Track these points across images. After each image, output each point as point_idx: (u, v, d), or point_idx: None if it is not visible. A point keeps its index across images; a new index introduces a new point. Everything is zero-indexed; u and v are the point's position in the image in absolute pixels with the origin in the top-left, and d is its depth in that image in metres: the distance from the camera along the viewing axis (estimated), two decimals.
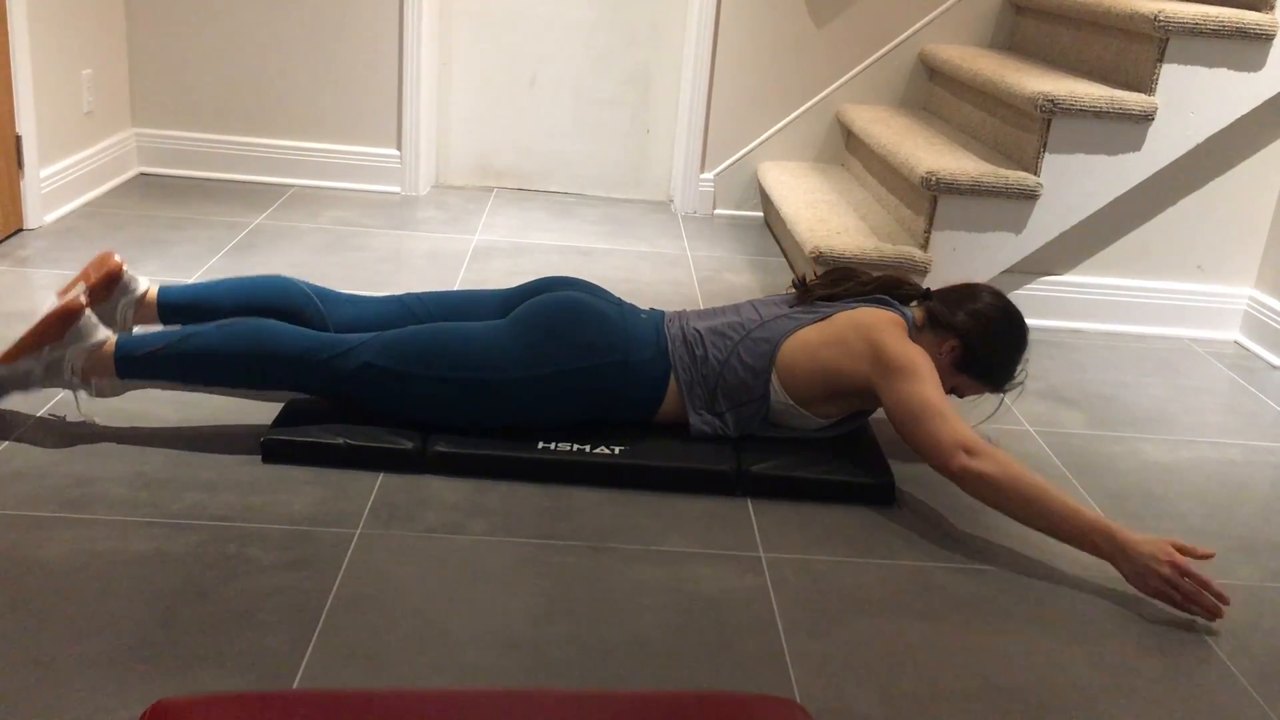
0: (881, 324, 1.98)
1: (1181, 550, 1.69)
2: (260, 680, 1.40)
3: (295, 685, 1.41)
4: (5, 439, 1.93)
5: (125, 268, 2.12)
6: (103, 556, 1.63)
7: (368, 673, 1.44)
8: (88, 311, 1.93)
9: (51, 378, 1.92)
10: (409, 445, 1.93)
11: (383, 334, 1.97)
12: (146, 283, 2.15)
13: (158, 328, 2.08)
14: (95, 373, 1.92)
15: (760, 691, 1.47)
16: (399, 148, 3.70)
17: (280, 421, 1.99)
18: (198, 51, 3.60)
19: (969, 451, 1.80)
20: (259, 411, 2.10)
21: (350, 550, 1.69)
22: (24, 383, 1.93)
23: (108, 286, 2.10)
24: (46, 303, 2.00)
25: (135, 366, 1.92)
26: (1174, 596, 1.67)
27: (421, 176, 3.73)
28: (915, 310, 2.10)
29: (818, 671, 1.52)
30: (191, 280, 2.75)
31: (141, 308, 2.13)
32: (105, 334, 1.94)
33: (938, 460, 1.84)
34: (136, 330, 2.08)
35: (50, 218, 3.13)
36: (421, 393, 1.94)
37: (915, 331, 2.05)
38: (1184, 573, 1.67)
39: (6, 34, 2.87)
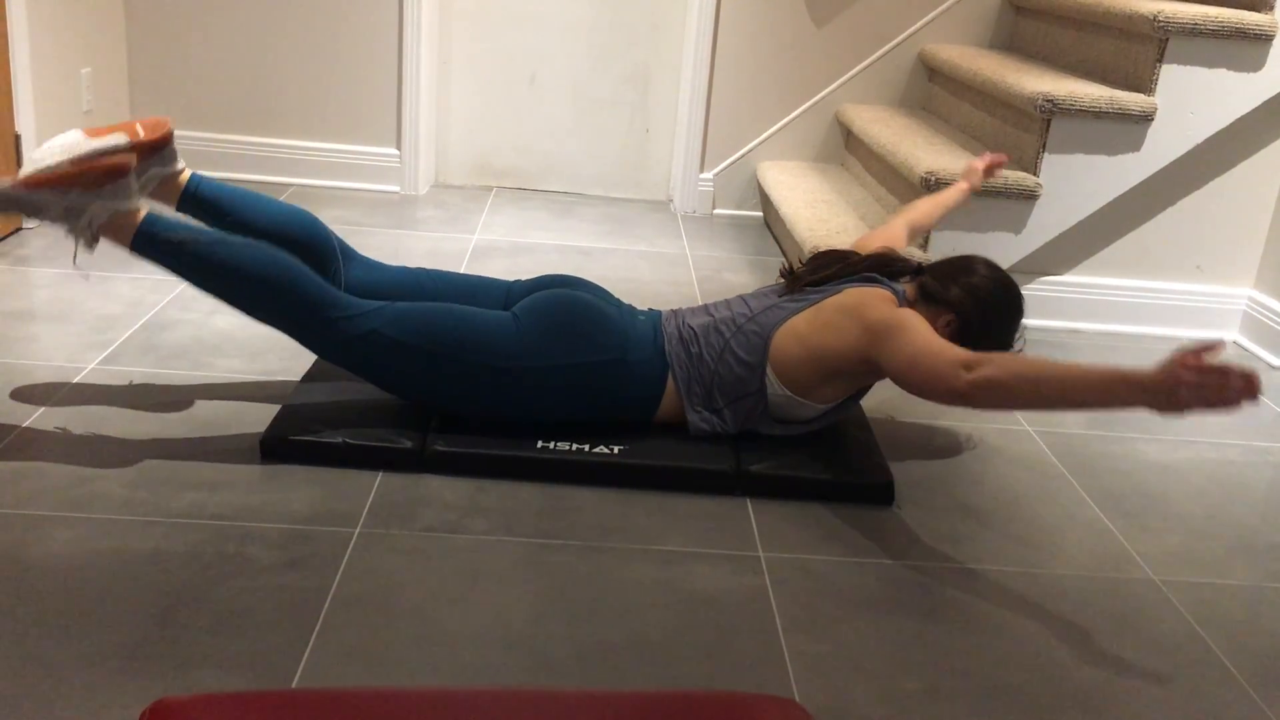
0: (867, 298, 1.97)
1: (1187, 353, 1.52)
2: (259, 679, 1.40)
3: (294, 684, 1.41)
4: (5, 438, 1.93)
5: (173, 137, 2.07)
6: (102, 555, 1.62)
7: (367, 672, 1.44)
8: (134, 173, 1.88)
9: (64, 220, 1.86)
10: (408, 444, 1.93)
11: (394, 304, 1.96)
12: (183, 164, 2.09)
13: (168, 210, 2.01)
14: (110, 235, 1.87)
15: (759, 691, 1.47)
16: (398, 147, 3.70)
17: (279, 420, 1.98)
18: (197, 50, 3.59)
19: (968, 367, 1.71)
20: (258, 411, 2.10)
21: (349, 549, 1.69)
22: (34, 210, 1.85)
23: (156, 149, 2.03)
24: (70, 138, 1.90)
25: (153, 246, 1.88)
26: (1208, 396, 1.48)
27: (421, 176, 3.73)
28: (907, 285, 2.09)
29: (817, 671, 1.52)
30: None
31: (166, 185, 2.07)
32: (137, 202, 1.88)
33: (944, 390, 1.74)
34: (160, 209, 2.00)
35: None
36: (422, 368, 1.93)
37: (907, 306, 2.03)
38: (1203, 369, 1.48)
39: (6, 32, 2.87)
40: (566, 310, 2.00)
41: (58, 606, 1.51)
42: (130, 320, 2.48)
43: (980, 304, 2.02)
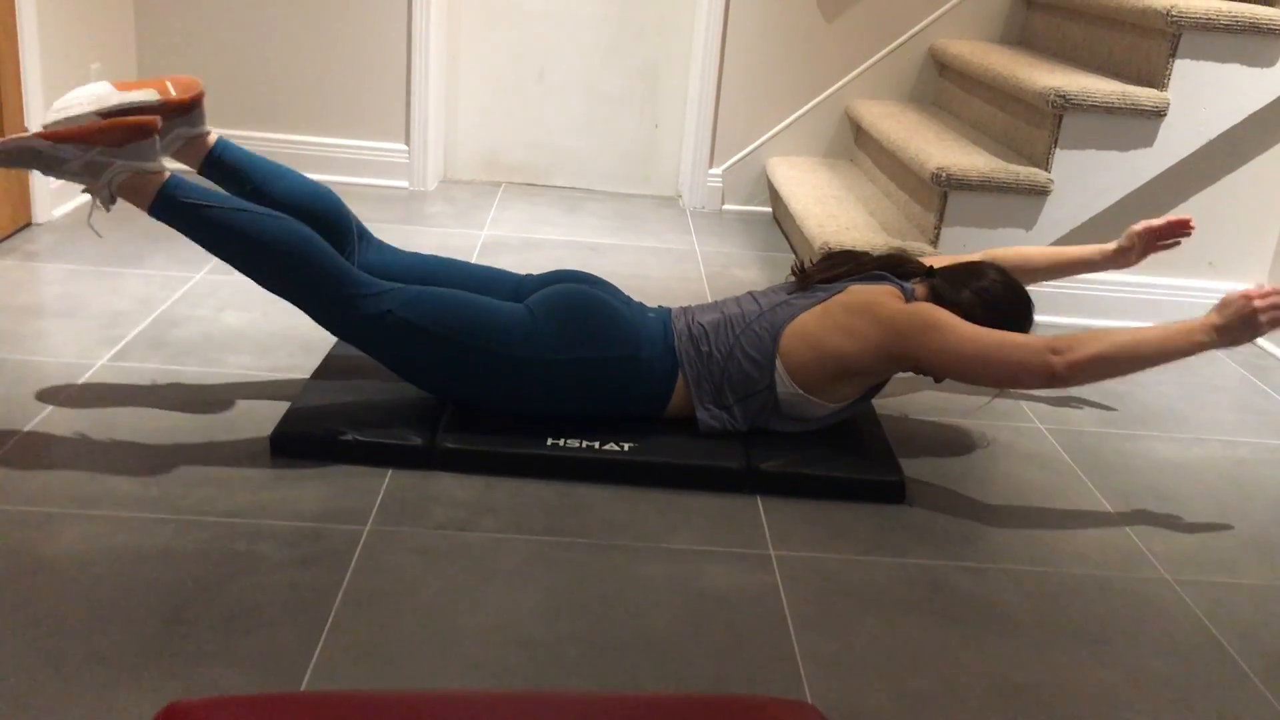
0: (875, 297, 1.97)
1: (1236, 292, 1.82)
2: (270, 677, 1.40)
3: (304, 682, 1.41)
4: (14, 435, 1.93)
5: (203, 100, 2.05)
6: (112, 553, 1.62)
7: (377, 670, 1.43)
8: (158, 135, 1.87)
9: (83, 176, 1.84)
10: (418, 442, 1.93)
11: (411, 287, 1.95)
12: (210, 128, 2.08)
13: (191, 174, 1.99)
14: (130, 195, 1.86)
15: (770, 689, 1.47)
16: (407, 142, 3.69)
17: (289, 417, 1.98)
18: (206, 45, 3.59)
19: (1056, 351, 1.81)
20: (268, 408, 2.10)
21: (359, 547, 1.69)
22: (53, 165, 1.83)
23: (185, 109, 2.01)
24: (100, 89, 1.89)
25: (173, 209, 1.86)
26: (1277, 317, 1.79)
27: (429, 171, 3.73)
28: (918, 286, 2.09)
29: (828, 670, 1.51)
30: (200, 276, 2.74)
31: (191, 146, 2.05)
32: (161, 164, 1.87)
33: (1040, 377, 1.83)
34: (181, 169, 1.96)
35: (59, 212, 3.13)
36: (433, 353, 1.93)
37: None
38: (1260, 295, 1.79)
39: (15, 28, 2.87)
40: (581, 305, 1.99)
41: (68, 604, 1.50)
42: (140, 316, 2.48)
43: (990, 308, 2.02)
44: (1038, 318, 2.93)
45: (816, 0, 3.60)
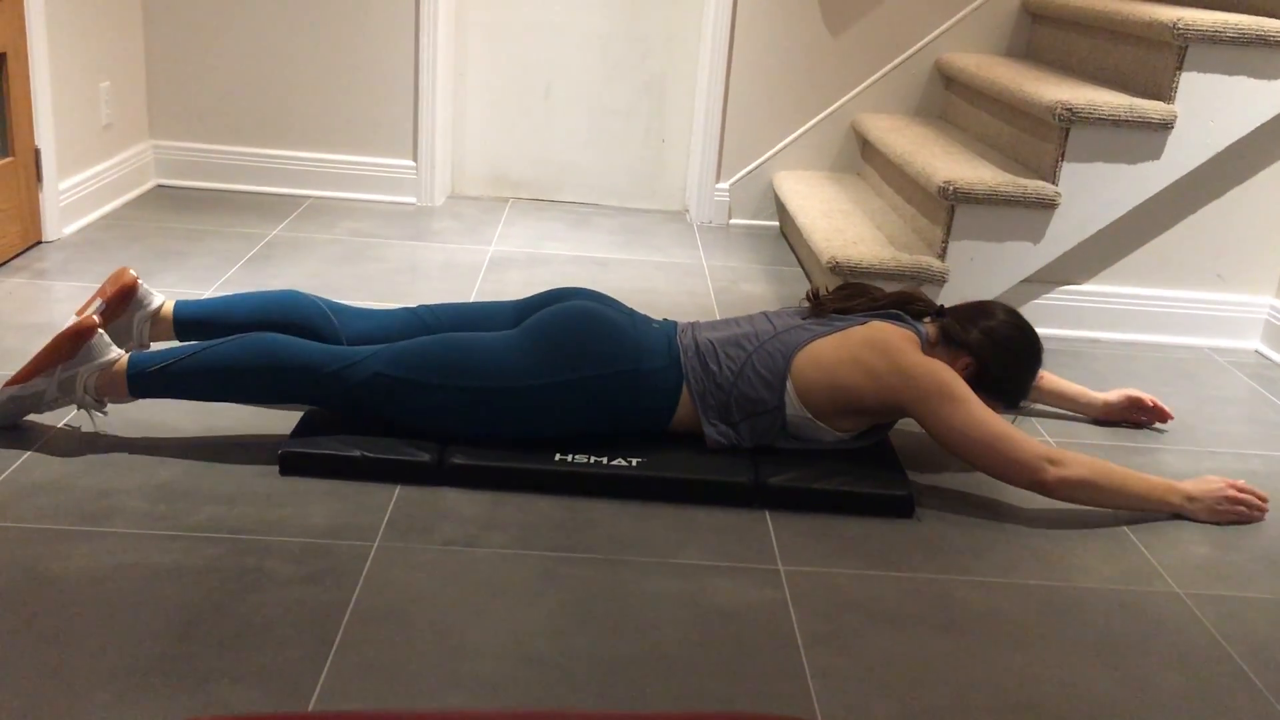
0: (897, 342, 1.98)
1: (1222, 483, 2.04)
2: (279, 694, 1.40)
3: (314, 698, 1.41)
4: (25, 452, 1.94)
5: (140, 283, 2.13)
6: (122, 569, 1.63)
7: (386, 686, 1.43)
8: (100, 330, 1.95)
9: (64, 396, 1.94)
10: (426, 458, 1.93)
11: (393, 344, 1.98)
12: (161, 298, 2.16)
13: (174, 344, 2.08)
14: (108, 391, 1.94)
15: (779, 705, 1.46)
16: (414, 159, 3.71)
17: (298, 434, 1.99)
18: (215, 64, 3.61)
19: (1053, 462, 1.90)
20: (277, 424, 2.11)
21: (368, 563, 1.69)
22: (36, 403, 1.95)
23: (123, 301, 2.11)
24: (67, 321, 2.02)
25: (148, 383, 1.94)
26: (1241, 511, 2.01)
27: (437, 187, 3.74)
28: (929, 326, 2.10)
29: (838, 686, 1.50)
30: (208, 293, 2.76)
31: (158, 323, 2.14)
32: (117, 353, 1.95)
33: (1027, 480, 1.92)
34: (152, 347, 2.09)
35: (69, 230, 3.14)
36: (432, 401, 1.94)
37: (929, 348, 2.05)
38: (1239, 488, 2.03)
39: (26, 47, 2.89)
40: (574, 324, 1.99)
41: (77, 620, 1.51)
42: None
43: (998, 348, 2.03)
44: (1047, 331, 2.94)
45: (823, 14, 3.61)
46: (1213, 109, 2.73)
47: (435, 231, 3.45)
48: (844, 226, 3.02)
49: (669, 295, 3.03)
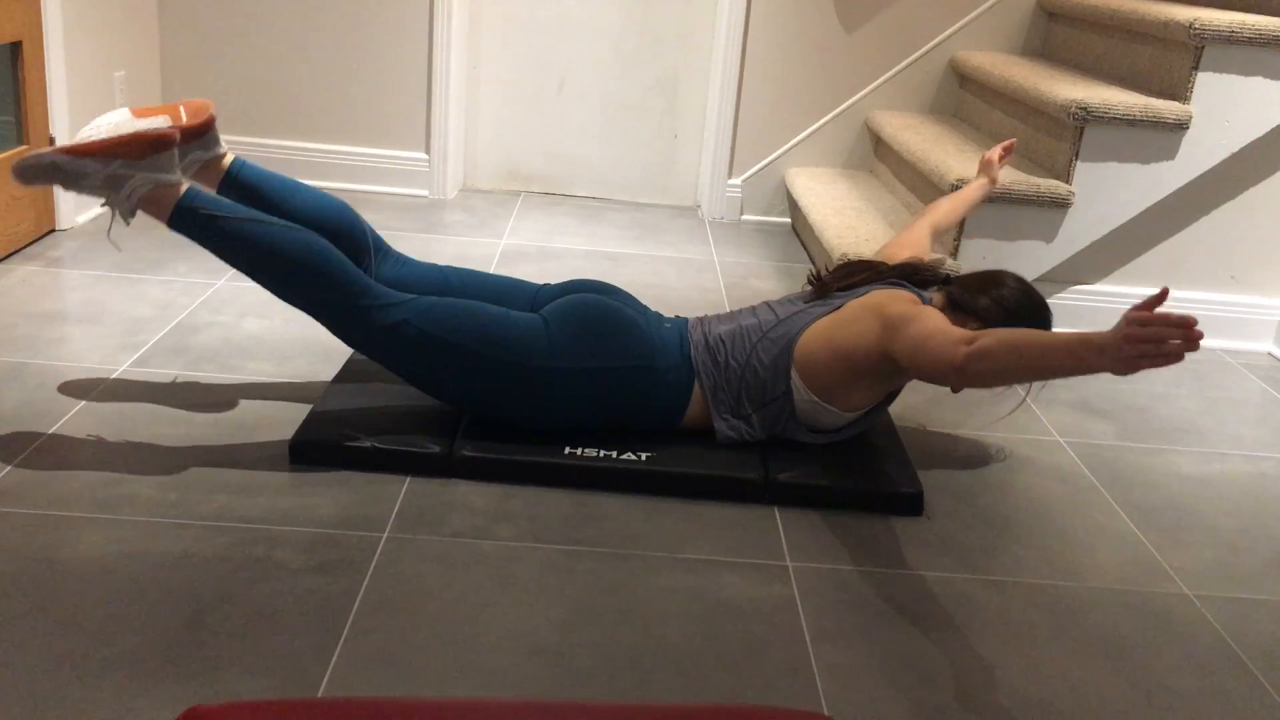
0: (890, 296, 1.96)
1: (1135, 309, 1.50)
2: (287, 683, 1.40)
3: (322, 688, 1.41)
4: (37, 439, 1.94)
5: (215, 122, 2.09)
6: (132, 558, 1.63)
7: (394, 677, 1.44)
8: (177, 148, 1.89)
9: (104, 189, 1.87)
10: (436, 449, 1.93)
11: (425, 298, 1.96)
12: (225, 148, 2.11)
13: (210, 192, 2.03)
14: (150, 207, 1.88)
15: (787, 701, 1.46)
16: (427, 151, 3.71)
17: (308, 424, 1.99)
18: (229, 54, 3.62)
19: (967, 342, 1.70)
20: (287, 414, 2.11)
21: (377, 554, 1.69)
22: (75, 180, 1.86)
23: (197, 134, 2.04)
24: (118, 116, 1.92)
25: (192, 221, 1.88)
26: (1150, 350, 1.45)
27: (449, 180, 3.74)
28: (935, 294, 2.08)
29: (845, 682, 1.50)
30: (221, 283, 2.76)
31: (208, 168, 2.08)
32: (179, 176, 1.90)
33: (946, 367, 1.72)
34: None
35: (82, 219, 3.15)
36: (449, 363, 1.93)
37: None
38: (1141, 322, 1.45)
39: (41, 36, 2.90)
40: (597, 315, 1.99)
41: (88, 608, 1.51)
42: (161, 323, 2.49)
43: (1008, 316, 2.01)
44: (1058, 330, 2.92)
45: (837, 11, 3.60)
46: (1228, 110, 2.72)
47: (447, 224, 3.45)
48: (856, 224, 3.01)
49: (680, 291, 3.03)
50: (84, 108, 3.13)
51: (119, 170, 1.85)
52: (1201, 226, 2.92)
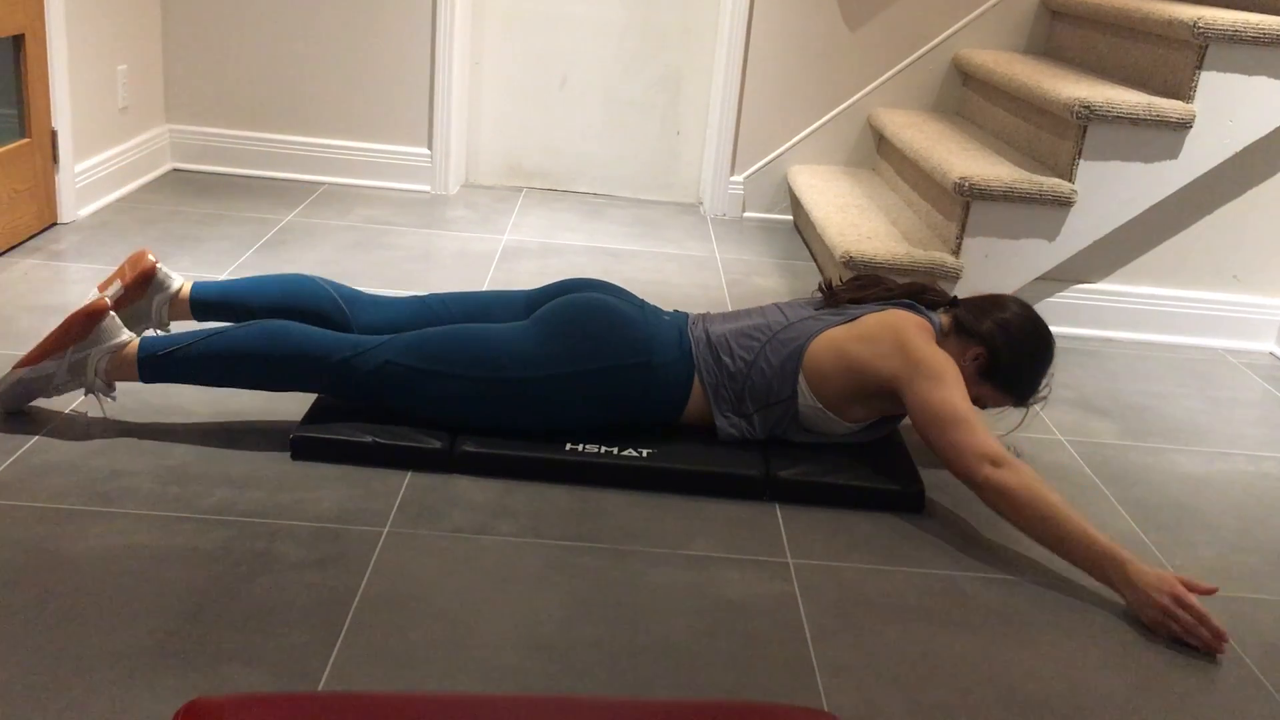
0: (909, 325, 1.97)
1: (1187, 585, 1.66)
2: (287, 677, 1.41)
3: (322, 682, 1.41)
4: (37, 432, 1.94)
5: (159, 265, 2.13)
6: (133, 551, 1.63)
7: (393, 671, 1.44)
8: (112, 313, 1.95)
9: (74, 379, 1.94)
10: (437, 445, 1.93)
11: (403, 334, 1.98)
12: (180, 280, 2.16)
13: (193, 325, 2.09)
14: (119, 375, 1.94)
15: (787, 698, 1.46)
16: (429, 147, 3.71)
17: (309, 419, 1.99)
18: (232, 49, 3.62)
19: (994, 463, 1.79)
20: (289, 408, 2.11)
21: (378, 549, 1.69)
22: (45, 386, 1.94)
23: (143, 285, 2.12)
24: (86, 297, 2.02)
25: (158, 367, 1.94)
26: (1173, 628, 1.64)
27: (451, 176, 3.74)
28: (942, 316, 2.09)
29: (846, 680, 1.50)
30: (226, 274, 2.76)
31: (176, 304, 2.15)
32: (129, 335, 1.95)
33: (962, 468, 1.82)
34: (173, 328, 2.10)
35: (84, 212, 3.15)
36: (441, 391, 1.94)
37: (941, 337, 2.04)
38: (1183, 605, 1.63)
39: (44, 29, 2.90)
40: (587, 316, 1.99)
41: (89, 601, 1.51)
42: None
43: (1010, 340, 2.02)
44: (1061, 330, 2.93)
45: (840, 8, 3.60)
46: (1231, 109, 2.71)
47: (449, 220, 3.45)
48: (858, 221, 3.01)
49: (681, 287, 3.03)
50: (86, 101, 3.13)
51: (74, 356, 1.93)
52: (1204, 226, 2.92)
